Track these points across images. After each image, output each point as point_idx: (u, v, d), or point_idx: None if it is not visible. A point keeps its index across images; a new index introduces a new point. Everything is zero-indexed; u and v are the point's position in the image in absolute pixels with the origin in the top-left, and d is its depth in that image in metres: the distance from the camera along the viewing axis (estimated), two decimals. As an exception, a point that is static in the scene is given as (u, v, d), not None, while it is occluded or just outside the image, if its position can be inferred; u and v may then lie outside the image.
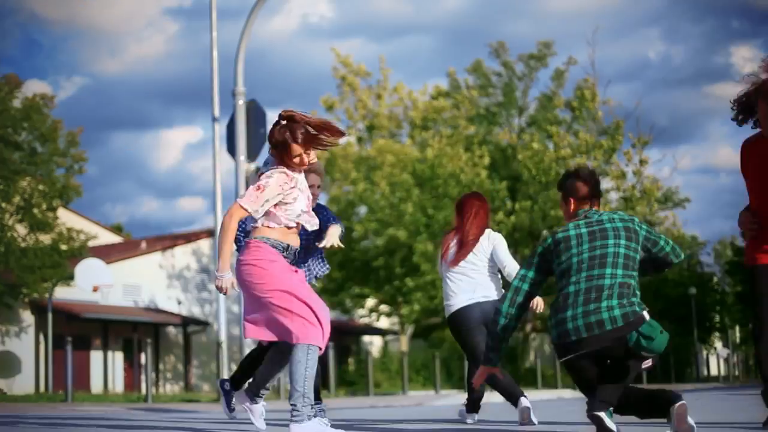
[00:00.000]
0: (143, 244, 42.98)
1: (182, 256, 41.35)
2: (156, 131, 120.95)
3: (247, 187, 18.95)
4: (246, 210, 5.62)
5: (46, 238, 31.14)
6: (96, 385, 35.85)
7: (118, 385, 36.95)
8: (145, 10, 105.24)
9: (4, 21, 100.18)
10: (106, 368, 37.16)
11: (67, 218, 35.16)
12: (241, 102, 18.96)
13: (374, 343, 48.89)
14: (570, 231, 5.76)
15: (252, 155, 18.87)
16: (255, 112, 19.07)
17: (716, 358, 60.73)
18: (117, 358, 37.99)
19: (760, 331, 5.97)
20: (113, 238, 47.63)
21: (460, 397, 23.24)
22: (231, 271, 5.74)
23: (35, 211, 30.82)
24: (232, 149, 19.05)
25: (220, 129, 20.31)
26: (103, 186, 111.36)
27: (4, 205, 30.48)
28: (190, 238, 42.27)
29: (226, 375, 20.16)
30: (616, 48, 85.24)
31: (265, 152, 20.70)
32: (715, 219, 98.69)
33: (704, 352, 59.78)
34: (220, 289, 5.77)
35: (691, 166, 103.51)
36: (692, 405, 6.48)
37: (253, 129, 18.82)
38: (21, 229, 31.13)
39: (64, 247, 31.30)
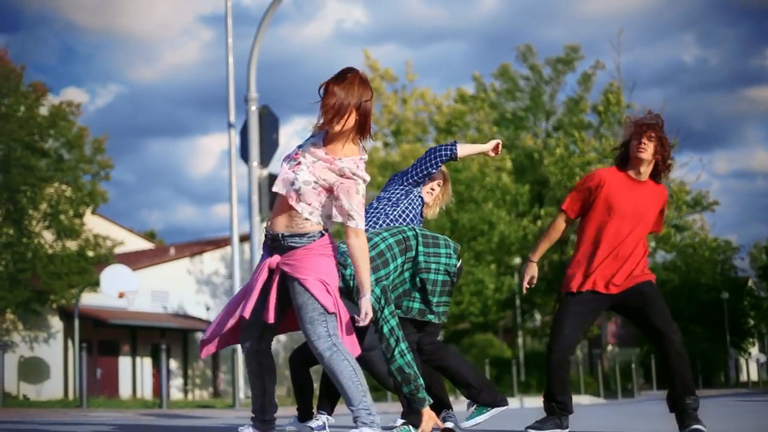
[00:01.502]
0: (172, 250, 43.20)
1: (211, 261, 41.52)
2: (192, 138, 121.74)
3: (259, 192, 19.10)
4: None
5: (72, 245, 31.40)
6: (125, 391, 36.07)
7: (146, 391, 37.14)
8: (180, 17, 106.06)
9: (42, 29, 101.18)
10: (135, 374, 37.38)
11: (97, 224, 35.47)
12: (254, 108, 18.99)
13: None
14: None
15: (265, 161, 18.90)
16: (268, 118, 19.10)
17: (748, 363, 60.16)
18: (146, 364, 38.19)
19: None
20: (145, 245, 47.90)
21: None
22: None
23: (62, 217, 31.08)
24: (245, 155, 19.09)
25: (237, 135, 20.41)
26: (140, 193, 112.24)
27: (31, 211, 30.75)
28: (218, 243, 42.48)
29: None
30: (652, 52, 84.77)
31: (278, 158, 20.83)
32: (752, 223, 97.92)
33: (739, 358, 59.26)
34: None
35: (727, 170, 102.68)
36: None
37: (266, 135, 18.86)
38: (48, 236, 31.41)
39: (90, 253, 31.53)
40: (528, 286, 6.79)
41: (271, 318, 5.46)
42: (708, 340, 51.11)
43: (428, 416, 5.86)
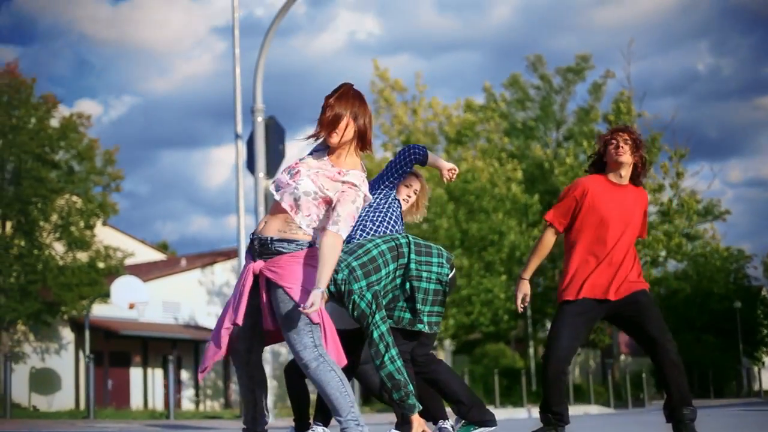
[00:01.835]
0: (183, 262, 43.26)
1: (222, 272, 41.54)
2: (205, 149, 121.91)
3: (266, 203, 19.07)
4: None
5: (83, 256, 31.47)
6: (136, 402, 36.10)
7: (158, 401, 37.16)
8: (194, 29, 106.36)
9: (56, 42, 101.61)
10: (146, 385, 37.40)
11: (109, 236, 35.58)
12: (260, 119, 19.01)
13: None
14: None
15: (271, 172, 18.90)
16: (274, 129, 19.12)
17: (761, 373, 59.91)
18: (157, 374, 38.20)
19: None
20: (157, 256, 47.97)
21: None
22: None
23: (73, 229, 31.15)
24: (251, 166, 19.11)
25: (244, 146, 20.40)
26: (154, 204, 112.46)
27: (42, 223, 30.84)
28: (229, 255, 42.47)
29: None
30: (665, 61, 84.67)
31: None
32: (766, 232, 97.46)
33: (752, 367, 59.02)
34: None
35: (741, 179, 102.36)
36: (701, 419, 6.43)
37: (272, 146, 18.88)
38: (59, 248, 31.50)
39: (101, 264, 31.60)
40: (523, 306, 6.78)
41: (268, 324, 5.46)
42: (720, 350, 50.89)
43: (418, 423, 5.87)
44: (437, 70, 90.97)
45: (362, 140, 5.52)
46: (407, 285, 6.12)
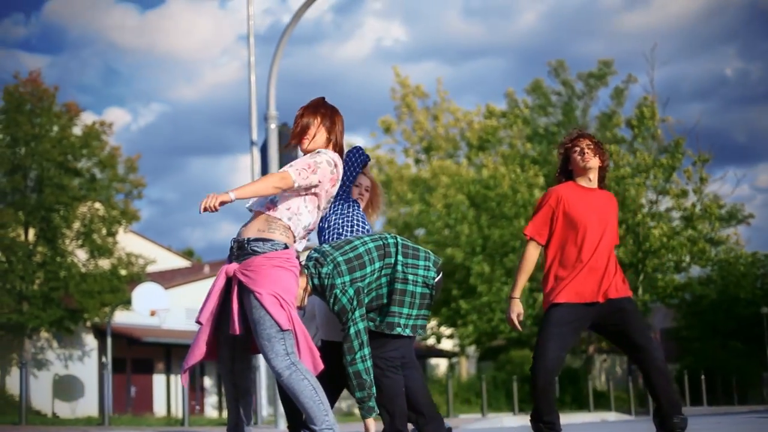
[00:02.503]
0: (206, 268, 43.36)
1: (245, 279, 41.47)
2: (232, 156, 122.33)
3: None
4: None
5: (105, 263, 31.62)
6: (159, 409, 36.19)
7: (181, 408, 37.18)
8: (221, 37, 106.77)
9: (85, 50, 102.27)
10: (169, 392, 37.50)
11: (134, 243, 35.75)
12: (273, 126, 19.07)
13: (440, 366, 48.66)
14: None
15: (284, 179, 18.92)
16: (287, 136, 19.15)
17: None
18: (180, 381, 38.25)
19: None
20: (182, 263, 48.10)
21: (505, 420, 23.06)
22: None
23: (95, 236, 31.31)
24: (265, 173, 19.16)
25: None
26: (182, 211, 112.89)
27: (64, 230, 31.01)
28: (253, 261, 42.42)
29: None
30: (692, 65, 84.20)
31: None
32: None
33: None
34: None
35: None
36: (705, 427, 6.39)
37: (285, 153, 18.90)
38: (81, 255, 31.67)
39: (123, 272, 31.74)
40: (519, 327, 6.74)
41: (235, 329, 5.44)
42: (746, 356, 50.44)
43: (373, 428, 5.95)
44: (463, 77, 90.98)
45: (334, 147, 5.76)
46: (393, 286, 6.10)
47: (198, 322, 5.51)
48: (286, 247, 5.40)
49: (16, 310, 29.84)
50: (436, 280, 6.27)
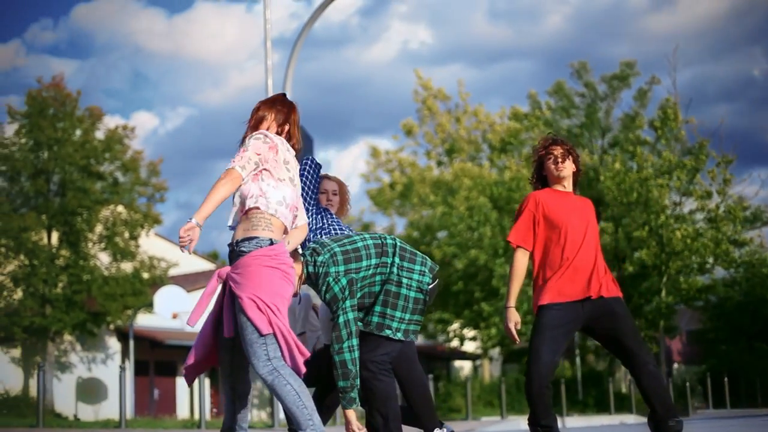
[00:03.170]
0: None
1: (269, 282, 41.53)
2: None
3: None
4: None
5: (128, 267, 31.78)
6: (182, 412, 36.29)
7: (205, 411, 37.25)
8: (247, 41, 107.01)
9: (112, 55, 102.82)
10: (193, 394, 37.59)
11: (158, 246, 35.91)
12: (288, 129, 19.10)
13: (464, 368, 48.61)
14: None
15: (299, 182, 18.99)
16: (302, 139, 19.18)
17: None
18: (204, 384, 38.28)
19: None
20: (206, 265, 48.19)
21: (522, 423, 22.96)
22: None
23: (117, 239, 31.46)
24: (281, 176, 19.21)
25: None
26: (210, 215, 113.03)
27: (87, 234, 31.19)
28: (276, 264, 42.49)
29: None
30: (719, 66, 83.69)
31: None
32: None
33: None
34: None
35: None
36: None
37: (300, 155, 18.94)
38: (104, 258, 31.84)
39: (145, 275, 31.89)
40: (517, 339, 6.73)
41: (227, 332, 5.49)
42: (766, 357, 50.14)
43: (353, 419, 6.01)
44: (489, 79, 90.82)
45: (288, 140, 5.95)
46: (386, 287, 6.11)
47: (188, 323, 5.58)
48: (272, 243, 5.42)
49: (39, 313, 30.04)
50: (431, 286, 6.27)
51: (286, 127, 5.91)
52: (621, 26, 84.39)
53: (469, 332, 39.35)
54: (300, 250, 6.04)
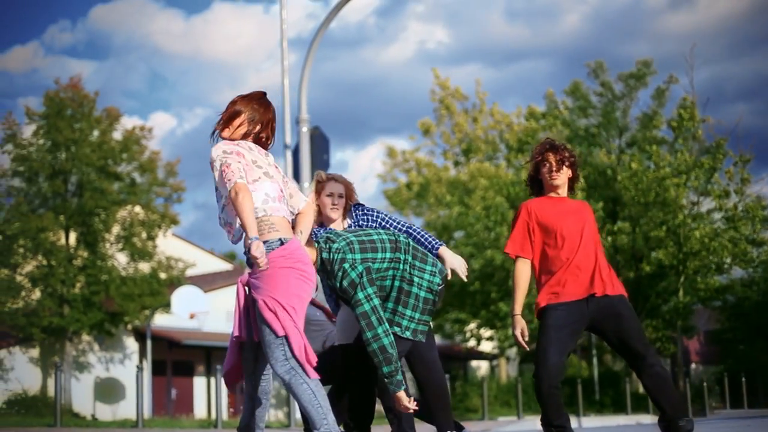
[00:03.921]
0: (247, 271, 43.51)
1: (286, 282, 41.59)
2: (277, 160, 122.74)
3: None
4: None
5: (145, 267, 31.88)
6: (200, 411, 36.39)
7: (223, 411, 37.34)
8: (265, 42, 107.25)
9: (130, 56, 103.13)
10: (209, 394, 37.70)
11: (175, 246, 36.03)
12: (305, 129, 19.15)
13: (482, 368, 48.59)
14: None
15: (316, 182, 19.02)
16: (318, 139, 19.24)
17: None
18: (221, 384, 38.43)
19: None
20: (224, 266, 48.32)
21: (539, 423, 22.93)
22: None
23: (135, 240, 31.56)
24: (297, 176, 19.24)
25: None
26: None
27: (104, 234, 31.30)
28: (293, 264, 42.49)
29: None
30: (738, 65, 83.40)
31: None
32: None
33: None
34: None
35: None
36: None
37: (317, 156, 19.00)
38: (121, 258, 31.95)
39: (163, 275, 31.99)
40: (526, 346, 6.74)
41: (255, 336, 5.58)
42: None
43: (402, 397, 5.91)
44: (507, 79, 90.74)
45: (257, 140, 5.92)
46: (399, 284, 6.10)
47: (236, 338, 5.69)
48: (281, 242, 5.46)
49: (57, 313, 30.16)
50: (440, 287, 6.29)
51: (257, 127, 5.86)
52: (639, 25, 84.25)
53: (485, 332, 39.30)
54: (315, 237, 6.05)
